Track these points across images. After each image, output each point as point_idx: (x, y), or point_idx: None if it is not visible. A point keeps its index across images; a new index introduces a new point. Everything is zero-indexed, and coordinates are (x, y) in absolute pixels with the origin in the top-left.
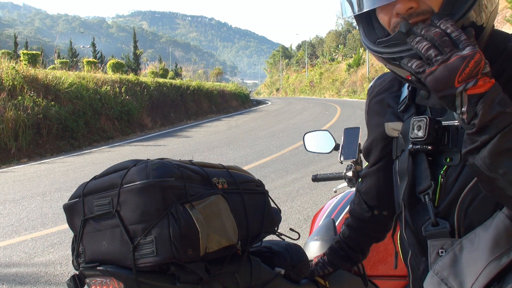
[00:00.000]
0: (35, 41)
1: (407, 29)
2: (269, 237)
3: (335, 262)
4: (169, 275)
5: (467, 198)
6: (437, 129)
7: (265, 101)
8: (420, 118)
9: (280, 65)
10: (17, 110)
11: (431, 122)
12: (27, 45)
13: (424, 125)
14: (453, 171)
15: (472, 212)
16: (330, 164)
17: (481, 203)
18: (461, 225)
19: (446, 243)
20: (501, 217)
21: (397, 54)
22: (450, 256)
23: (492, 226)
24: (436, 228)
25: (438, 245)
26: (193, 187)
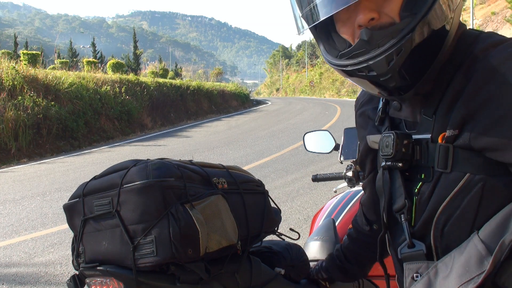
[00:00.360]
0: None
1: (368, 36)
2: (269, 237)
3: (330, 269)
4: (169, 275)
5: (442, 218)
6: (406, 144)
7: (265, 101)
8: (388, 134)
9: (280, 65)
10: (17, 110)
11: (399, 138)
12: (27, 45)
13: (391, 142)
14: (426, 188)
15: (448, 232)
16: (330, 164)
17: (456, 223)
18: (438, 246)
19: (421, 266)
20: (475, 240)
21: (362, 64)
22: (424, 281)
23: (466, 250)
24: (411, 250)
25: (414, 268)
26: (193, 187)
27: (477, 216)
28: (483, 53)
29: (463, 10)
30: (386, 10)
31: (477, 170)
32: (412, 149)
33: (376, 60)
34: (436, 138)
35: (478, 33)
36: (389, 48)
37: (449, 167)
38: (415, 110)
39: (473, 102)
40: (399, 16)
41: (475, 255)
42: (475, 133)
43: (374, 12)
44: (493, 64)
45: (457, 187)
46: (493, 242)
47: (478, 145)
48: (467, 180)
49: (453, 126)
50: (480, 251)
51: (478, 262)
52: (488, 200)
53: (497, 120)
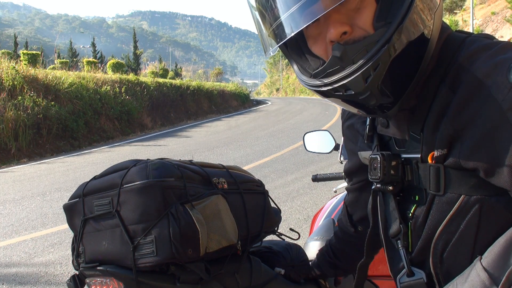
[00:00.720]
0: (35, 41)
1: (341, 52)
2: (269, 237)
3: (321, 266)
4: (169, 275)
5: (440, 243)
6: (394, 166)
7: (265, 101)
8: (375, 156)
9: (280, 65)
10: (17, 110)
11: (386, 160)
12: (27, 45)
13: (378, 164)
14: (421, 212)
15: (448, 258)
16: (330, 164)
17: (455, 248)
18: (438, 273)
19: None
20: (478, 269)
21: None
22: None
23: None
24: (411, 279)
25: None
26: (193, 187)
27: (477, 240)
28: (468, 61)
29: (463, 10)
30: (358, 23)
31: (473, 191)
32: (403, 169)
33: (352, 78)
34: (426, 158)
35: (464, 36)
36: (364, 63)
37: (441, 188)
38: (402, 127)
39: (459, 119)
40: (373, 27)
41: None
42: (463, 153)
43: (346, 26)
44: (478, 77)
45: (452, 210)
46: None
47: (468, 165)
48: (462, 202)
49: (441, 145)
50: (484, 281)
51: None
52: (487, 222)
53: (482, 141)
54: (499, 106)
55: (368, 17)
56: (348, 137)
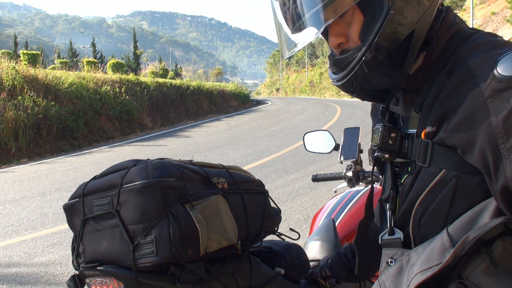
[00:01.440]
0: (35, 41)
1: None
2: (269, 237)
3: (335, 267)
4: (169, 275)
5: (420, 210)
6: (393, 137)
7: (265, 101)
8: (378, 126)
9: (280, 65)
10: (17, 110)
11: (386, 130)
12: (27, 45)
13: (379, 133)
14: (408, 180)
15: (425, 224)
16: (330, 164)
17: (431, 216)
18: (416, 236)
19: (397, 253)
20: (443, 233)
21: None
22: (396, 267)
23: (433, 241)
24: (391, 237)
25: (389, 254)
26: (193, 187)
27: (450, 211)
28: (467, 53)
29: (463, 10)
30: (350, 35)
31: (452, 167)
32: (401, 142)
33: (341, 82)
34: (420, 134)
35: (472, 32)
36: (347, 74)
37: (427, 161)
38: (407, 106)
39: (448, 101)
40: (360, 41)
41: (439, 246)
42: (447, 132)
43: (343, 37)
44: (471, 67)
45: (433, 181)
46: (458, 236)
47: (449, 142)
48: (442, 176)
49: (432, 123)
50: (444, 243)
51: (440, 253)
52: (461, 196)
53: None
54: (482, 94)
55: (356, 31)
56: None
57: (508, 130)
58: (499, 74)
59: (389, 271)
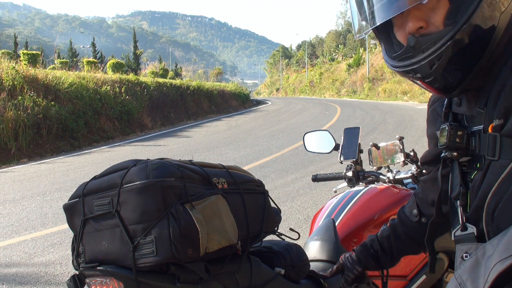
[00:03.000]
0: (35, 41)
1: (413, 43)
2: (269, 237)
3: (363, 259)
4: (169, 275)
5: (492, 203)
6: (460, 135)
7: (265, 101)
8: (444, 126)
9: (280, 65)
10: (17, 110)
11: (453, 128)
12: (27, 45)
13: (446, 133)
14: (479, 176)
15: (498, 216)
16: (330, 164)
17: (505, 206)
18: (490, 230)
19: (471, 247)
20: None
21: (408, 67)
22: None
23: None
24: (464, 232)
25: (464, 249)
26: (193, 187)
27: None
28: None
29: None
30: (432, 20)
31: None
32: (468, 140)
33: (420, 65)
34: (487, 129)
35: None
36: (430, 54)
37: (497, 154)
38: (471, 104)
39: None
40: (444, 25)
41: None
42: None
43: (422, 21)
44: None
45: (504, 173)
46: None
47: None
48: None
49: (499, 116)
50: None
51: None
52: None
53: None
54: None
55: (440, 16)
56: (430, 121)
57: None
58: None
59: (465, 265)
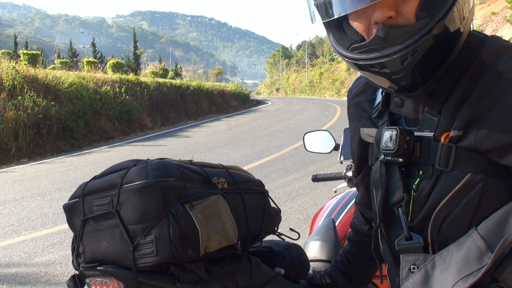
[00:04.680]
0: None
1: (385, 33)
2: (269, 237)
3: (334, 274)
4: (169, 275)
5: (441, 214)
6: (408, 141)
7: (265, 101)
8: (391, 129)
9: (280, 65)
10: (17, 110)
11: (402, 134)
12: (27, 45)
13: (394, 137)
14: (426, 185)
15: (446, 228)
16: (330, 164)
17: (455, 220)
18: (434, 240)
19: (418, 259)
20: (475, 237)
21: (376, 60)
22: (421, 273)
23: (465, 245)
24: (409, 242)
25: (411, 260)
26: (193, 187)
27: (476, 215)
28: (490, 57)
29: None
30: (403, 10)
31: (478, 171)
32: (413, 145)
33: (391, 58)
34: (439, 137)
35: (483, 36)
36: (405, 47)
37: (450, 166)
38: (417, 108)
39: (480, 105)
40: (416, 17)
41: (475, 251)
42: (480, 136)
43: (392, 11)
44: (500, 71)
45: (457, 186)
46: (493, 238)
47: (483, 147)
48: (468, 180)
49: (458, 127)
50: (480, 247)
51: (478, 258)
52: (487, 200)
53: (501, 125)
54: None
55: (413, 7)
56: (352, 115)
57: None
58: None
59: (414, 278)
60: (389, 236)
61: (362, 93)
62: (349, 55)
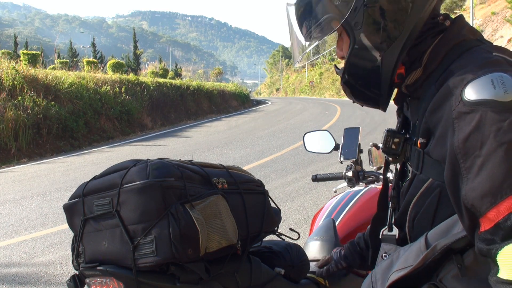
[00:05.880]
0: (35, 41)
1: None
2: (269, 237)
3: (350, 257)
4: (169, 275)
5: (413, 212)
6: (396, 142)
7: (265, 101)
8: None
9: (280, 65)
10: (17, 110)
11: (389, 135)
12: (27, 45)
13: (384, 138)
14: (407, 184)
15: (416, 225)
16: (330, 164)
17: (421, 219)
18: (411, 235)
19: (391, 248)
20: (422, 238)
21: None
22: (388, 261)
23: (414, 244)
24: (389, 233)
25: (385, 249)
26: (193, 187)
27: (435, 217)
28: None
29: (463, 10)
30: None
31: (437, 177)
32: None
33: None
34: (416, 142)
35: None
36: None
37: (419, 169)
38: (413, 112)
39: (432, 117)
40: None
41: (416, 250)
42: (431, 145)
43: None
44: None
45: (421, 188)
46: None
47: (433, 156)
48: (429, 184)
49: (422, 135)
50: (420, 247)
51: (416, 256)
52: (444, 205)
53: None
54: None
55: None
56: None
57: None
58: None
59: (382, 264)
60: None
61: None
62: None
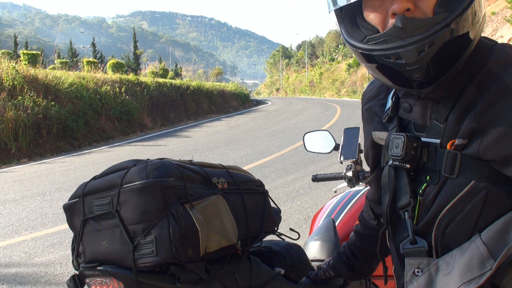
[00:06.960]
0: (35, 41)
1: (403, 23)
2: (269, 237)
3: (337, 266)
4: (169, 275)
5: (445, 220)
6: (415, 147)
7: (265, 101)
8: (399, 136)
9: (280, 65)
10: (17, 110)
11: (409, 140)
12: (27, 45)
13: (402, 144)
14: (432, 190)
15: (449, 233)
16: (330, 164)
17: (459, 225)
18: (438, 245)
19: (422, 262)
20: (478, 243)
21: (392, 50)
22: (425, 277)
23: (468, 251)
24: (414, 246)
25: (415, 264)
26: (193, 187)
27: (478, 221)
28: (497, 67)
29: None
30: (421, 4)
31: (482, 178)
32: (420, 151)
33: (407, 49)
34: (445, 144)
35: (492, 44)
36: (422, 38)
37: (455, 173)
38: (425, 114)
39: (485, 116)
40: (433, 12)
41: (478, 257)
42: (483, 146)
43: (410, 3)
44: (508, 82)
45: (461, 192)
46: (495, 245)
47: (485, 157)
48: (472, 187)
49: (463, 136)
50: (482, 253)
51: (480, 264)
52: (490, 207)
53: (503, 137)
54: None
55: (431, 2)
56: (366, 119)
57: None
58: None
59: (418, 281)
60: (395, 239)
61: (374, 98)
62: (363, 46)
